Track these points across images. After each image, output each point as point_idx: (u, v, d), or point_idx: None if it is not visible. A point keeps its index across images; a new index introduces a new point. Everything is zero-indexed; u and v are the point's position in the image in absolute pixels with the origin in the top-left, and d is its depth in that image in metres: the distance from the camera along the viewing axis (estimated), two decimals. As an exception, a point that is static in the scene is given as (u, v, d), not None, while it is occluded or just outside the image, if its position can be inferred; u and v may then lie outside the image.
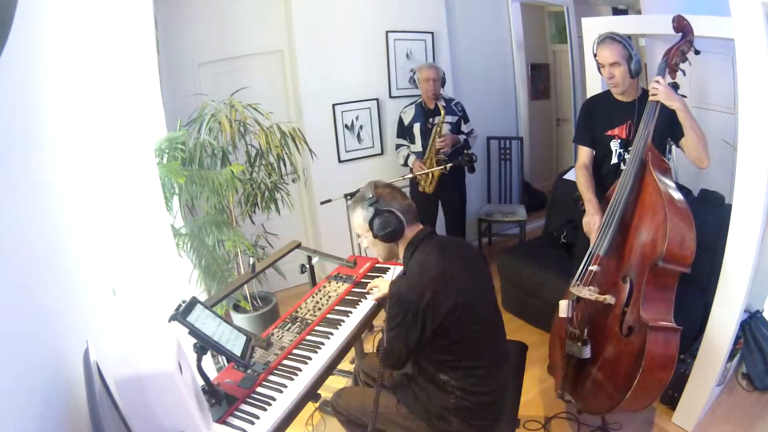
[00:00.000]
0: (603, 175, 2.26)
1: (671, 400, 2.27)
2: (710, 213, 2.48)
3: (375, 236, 1.58)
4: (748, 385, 2.37)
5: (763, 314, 2.28)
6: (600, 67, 2.14)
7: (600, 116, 2.23)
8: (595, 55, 2.15)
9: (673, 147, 2.20)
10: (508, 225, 4.31)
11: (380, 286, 1.97)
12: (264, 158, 2.81)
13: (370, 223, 1.56)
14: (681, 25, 1.97)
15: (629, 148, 2.12)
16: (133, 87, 2.05)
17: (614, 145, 2.19)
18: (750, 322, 2.22)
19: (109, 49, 1.77)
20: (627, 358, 1.85)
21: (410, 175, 3.15)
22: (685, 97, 3.22)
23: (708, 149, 2.00)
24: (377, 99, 3.68)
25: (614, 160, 2.20)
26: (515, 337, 2.08)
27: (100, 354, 1.05)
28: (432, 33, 3.77)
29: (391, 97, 3.70)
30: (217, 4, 3.24)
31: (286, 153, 2.79)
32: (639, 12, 3.62)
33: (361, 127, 3.67)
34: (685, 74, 2.02)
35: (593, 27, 2.72)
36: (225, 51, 3.31)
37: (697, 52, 1.99)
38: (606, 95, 2.26)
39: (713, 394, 2.19)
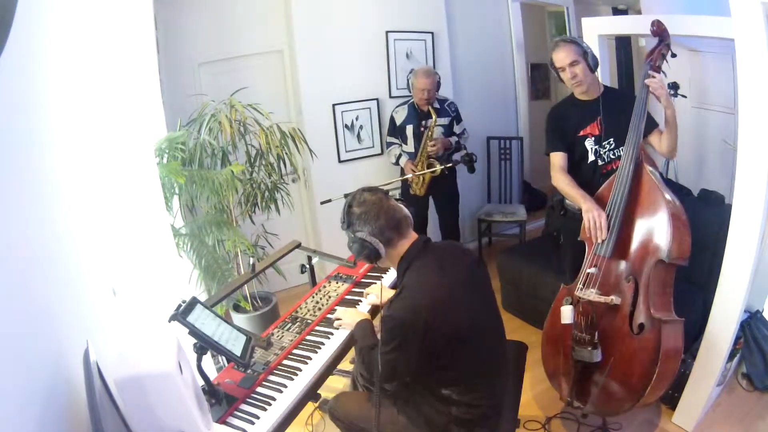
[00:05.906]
0: (582, 175, 2.25)
1: (671, 400, 2.27)
2: (710, 213, 2.48)
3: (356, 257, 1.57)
4: (748, 385, 2.36)
5: (763, 314, 2.28)
6: (560, 71, 2.18)
7: (570, 120, 2.25)
8: (551, 65, 2.20)
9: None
10: (508, 225, 4.31)
11: (373, 293, 2.00)
12: (264, 158, 2.81)
13: (349, 246, 1.54)
14: (659, 30, 2.07)
15: (603, 143, 2.18)
16: (133, 87, 2.05)
17: (589, 143, 2.22)
18: (750, 322, 2.22)
19: (109, 49, 1.78)
20: (641, 355, 1.88)
21: (402, 177, 3.17)
22: (685, 97, 3.25)
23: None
24: (377, 99, 3.68)
25: (591, 158, 2.23)
26: (515, 337, 2.07)
27: (100, 354, 1.05)
28: (432, 33, 3.76)
29: (391, 97, 3.70)
30: (217, 4, 3.24)
31: (286, 153, 2.79)
32: (639, 12, 3.62)
33: (361, 127, 3.67)
34: (666, 75, 2.11)
35: (593, 27, 2.72)
36: (225, 51, 3.31)
37: (673, 55, 2.10)
38: (570, 100, 2.30)
39: (713, 394, 2.19)
